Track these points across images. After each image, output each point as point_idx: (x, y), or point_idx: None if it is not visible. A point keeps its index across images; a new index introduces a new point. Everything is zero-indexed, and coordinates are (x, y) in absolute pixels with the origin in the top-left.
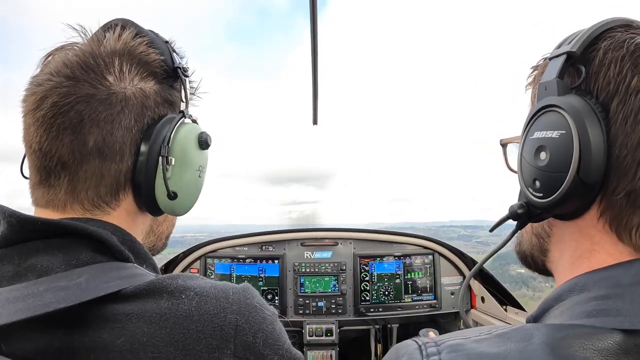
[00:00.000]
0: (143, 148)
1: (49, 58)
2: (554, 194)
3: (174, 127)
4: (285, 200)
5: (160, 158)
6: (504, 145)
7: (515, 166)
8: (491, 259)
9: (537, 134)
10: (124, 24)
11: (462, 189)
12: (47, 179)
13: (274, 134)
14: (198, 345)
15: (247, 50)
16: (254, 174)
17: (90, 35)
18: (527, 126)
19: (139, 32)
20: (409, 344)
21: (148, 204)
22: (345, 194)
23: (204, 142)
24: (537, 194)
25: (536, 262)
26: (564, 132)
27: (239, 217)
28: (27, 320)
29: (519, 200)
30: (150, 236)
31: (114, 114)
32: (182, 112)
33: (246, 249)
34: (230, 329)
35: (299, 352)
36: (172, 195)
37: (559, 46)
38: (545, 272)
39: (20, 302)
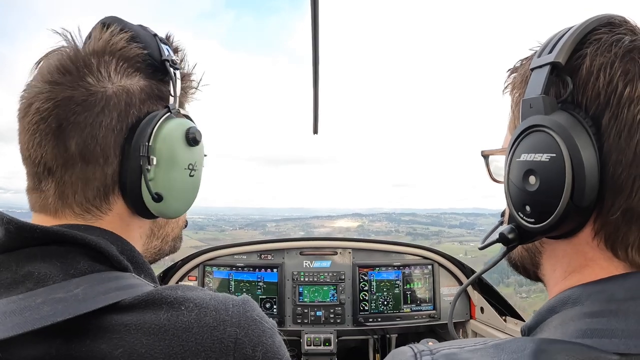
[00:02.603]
0: (127, 149)
1: (41, 64)
2: (547, 220)
3: (154, 125)
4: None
5: (141, 159)
6: (485, 156)
7: (497, 177)
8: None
9: (525, 157)
10: (108, 22)
11: (463, 177)
12: (39, 185)
13: (273, 113)
14: (197, 358)
15: (249, 19)
16: (253, 154)
17: (73, 38)
18: (512, 146)
19: (123, 28)
20: (405, 350)
21: (137, 207)
22: (347, 178)
23: (192, 139)
24: (528, 219)
25: (528, 272)
26: (555, 155)
27: (240, 201)
28: (25, 333)
29: (508, 223)
30: (154, 240)
31: (93, 115)
32: (167, 107)
33: (245, 257)
34: (229, 342)
35: None
36: (156, 197)
37: (540, 54)
38: (538, 280)
39: (17, 316)
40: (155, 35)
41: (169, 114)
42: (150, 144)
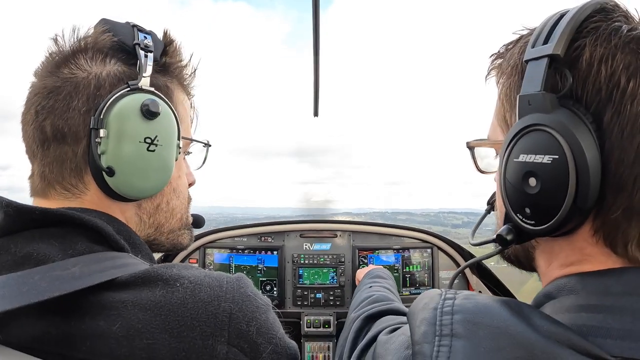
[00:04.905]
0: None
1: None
2: (549, 223)
3: (108, 100)
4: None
5: (92, 132)
6: (471, 148)
7: (484, 167)
8: None
9: (524, 157)
10: (95, 25)
11: (455, 175)
12: (32, 170)
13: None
14: (192, 333)
15: None
16: (237, 146)
17: (57, 40)
18: (509, 145)
19: (102, 25)
20: (435, 290)
21: (102, 186)
22: (341, 174)
23: (146, 111)
24: (528, 221)
25: (522, 264)
26: (557, 157)
27: (223, 199)
28: (23, 308)
29: (504, 222)
30: (146, 228)
31: (61, 99)
32: (128, 84)
33: (245, 239)
34: (224, 317)
35: (293, 342)
36: (107, 171)
37: (534, 44)
38: (533, 270)
39: (14, 292)
40: (134, 26)
41: (127, 89)
42: (101, 117)
